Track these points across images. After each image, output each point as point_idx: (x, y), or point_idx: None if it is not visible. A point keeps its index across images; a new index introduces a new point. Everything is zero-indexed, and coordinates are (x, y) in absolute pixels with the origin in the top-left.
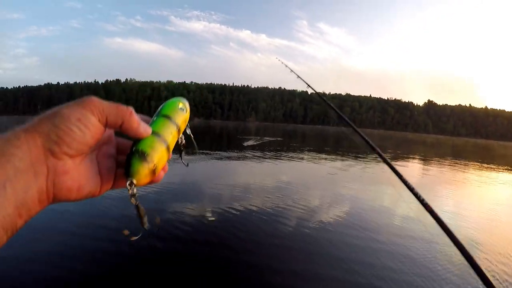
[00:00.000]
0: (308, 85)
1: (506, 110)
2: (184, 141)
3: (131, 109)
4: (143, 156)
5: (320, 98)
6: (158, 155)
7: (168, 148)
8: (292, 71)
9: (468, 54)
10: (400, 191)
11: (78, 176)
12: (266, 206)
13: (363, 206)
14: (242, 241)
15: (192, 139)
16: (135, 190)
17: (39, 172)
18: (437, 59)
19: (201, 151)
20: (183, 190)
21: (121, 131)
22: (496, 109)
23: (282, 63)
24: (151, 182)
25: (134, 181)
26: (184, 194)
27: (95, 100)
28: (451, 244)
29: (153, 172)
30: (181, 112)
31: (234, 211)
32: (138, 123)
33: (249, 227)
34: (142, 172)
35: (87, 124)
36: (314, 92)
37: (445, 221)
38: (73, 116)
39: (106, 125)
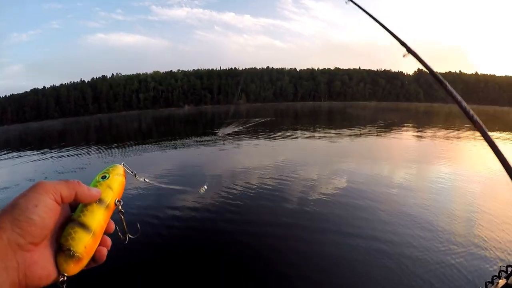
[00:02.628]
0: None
1: (497, 75)
2: (122, 210)
3: (77, 180)
4: (68, 252)
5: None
6: (86, 249)
7: (94, 235)
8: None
9: (456, 20)
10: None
11: (46, 263)
12: (264, 186)
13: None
14: (245, 226)
15: (123, 221)
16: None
17: (9, 267)
18: (425, 27)
19: (132, 236)
20: (187, 174)
21: (76, 201)
22: (487, 74)
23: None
24: (91, 264)
25: (66, 275)
26: (184, 179)
27: (47, 183)
28: None
29: (81, 261)
30: (105, 183)
31: (232, 195)
32: (88, 189)
33: (249, 208)
34: (69, 267)
35: (44, 208)
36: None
37: None
38: (30, 204)
39: (62, 201)
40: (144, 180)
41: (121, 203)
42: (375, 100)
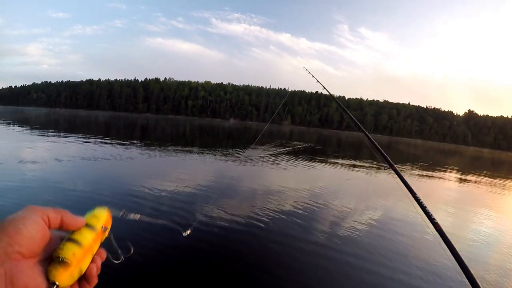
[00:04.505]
0: (326, 89)
1: None
2: (109, 232)
3: (64, 209)
4: (57, 259)
5: (337, 102)
6: (75, 257)
7: (84, 248)
8: (318, 81)
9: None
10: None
11: (35, 274)
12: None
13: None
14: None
15: (113, 242)
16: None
17: None
18: (479, 66)
19: (125, 256)
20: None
21: (61, 227)
22: None
23: (309, 72)
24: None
25: (56, 283)
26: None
27: (35, 206)
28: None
29: (69, 267)
30: (90, 214)
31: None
32: (74, 215)
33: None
34: (58, 273)
35: (32, 221)
36: (329, 94)
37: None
38: (18, 217)
39: (49, 223)
40: (136, 218)
41: (108, 230)
42: (420, 138)
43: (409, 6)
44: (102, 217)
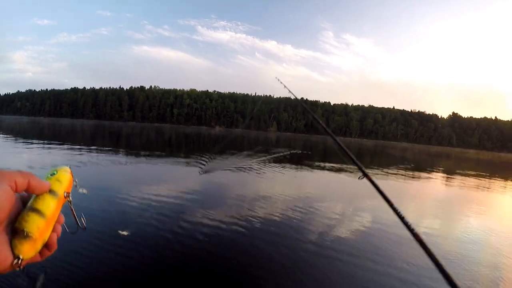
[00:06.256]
0: (295, 96)
1: None
2: (71, 200)
3: (30, 172)
4: (22, 233)
5: (305, 108)
6: (39, 230)
7: (47, 219)
8: (283, 84)
9: (495, 64)
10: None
11: (2, 247)
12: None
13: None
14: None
15: (73, 212)
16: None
17: None
18: (463, 69)
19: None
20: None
21: (28, 191)
22: None
23: (280, 81)
24: (44, 252)
25: (21, 257)
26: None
27: (2, 170)
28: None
29: (34, 242)
30: (54, 178)
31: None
32: (39, 180)
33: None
34: (23, 247)
35: (0, 192)
36: (298, 99)
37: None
38: None
39: (16, 189)
40: (85, 192)
41: (70, 195)
42: (406, 141)
43: (394, 12)
44: (64, 181)
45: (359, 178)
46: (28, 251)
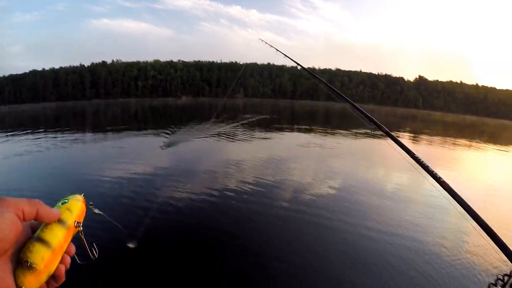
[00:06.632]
0: (298, 64)
1: (497, 88)
2: (81, 230)
3: (39, 200)
4: (26, 264)
5: (311, 75)
6: (44, 261)
7: (54, 251)
8: (277, 50)
9: (461, 30)
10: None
11: (5, 276)
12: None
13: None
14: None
15: (85, 243)
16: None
17: None
18: (429, 34)
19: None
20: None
21: (36, 220)
22: (487, 86)
23: (267, 43)
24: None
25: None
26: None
27: (8, 198)
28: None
29: (38, 273)
30: (64, 207)
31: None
32: (49, 208)
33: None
34: (26, 279)
35: (6, 220)
36: (304, 69)
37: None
38: None
39: (24, 217)
40: (97, 212)
41: (81, 225)
42: (373, 103)
43: None
44: (75, 210)
45: (371, 130)
46: (31, 283)
